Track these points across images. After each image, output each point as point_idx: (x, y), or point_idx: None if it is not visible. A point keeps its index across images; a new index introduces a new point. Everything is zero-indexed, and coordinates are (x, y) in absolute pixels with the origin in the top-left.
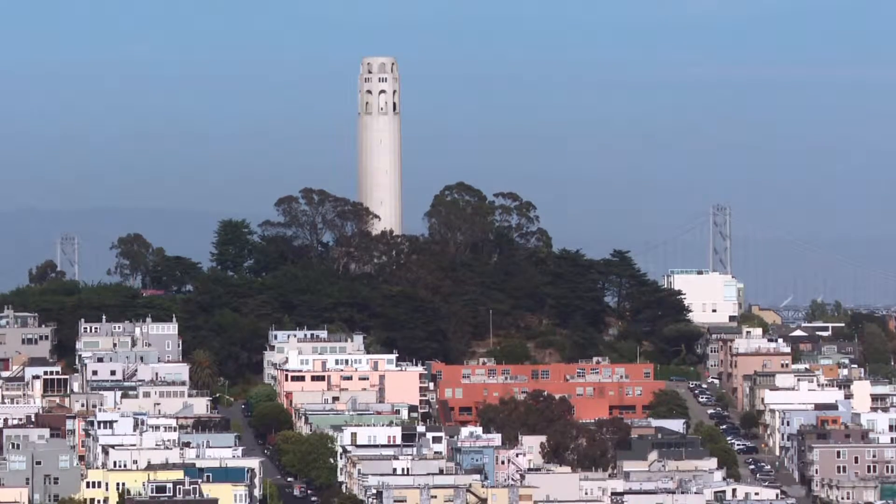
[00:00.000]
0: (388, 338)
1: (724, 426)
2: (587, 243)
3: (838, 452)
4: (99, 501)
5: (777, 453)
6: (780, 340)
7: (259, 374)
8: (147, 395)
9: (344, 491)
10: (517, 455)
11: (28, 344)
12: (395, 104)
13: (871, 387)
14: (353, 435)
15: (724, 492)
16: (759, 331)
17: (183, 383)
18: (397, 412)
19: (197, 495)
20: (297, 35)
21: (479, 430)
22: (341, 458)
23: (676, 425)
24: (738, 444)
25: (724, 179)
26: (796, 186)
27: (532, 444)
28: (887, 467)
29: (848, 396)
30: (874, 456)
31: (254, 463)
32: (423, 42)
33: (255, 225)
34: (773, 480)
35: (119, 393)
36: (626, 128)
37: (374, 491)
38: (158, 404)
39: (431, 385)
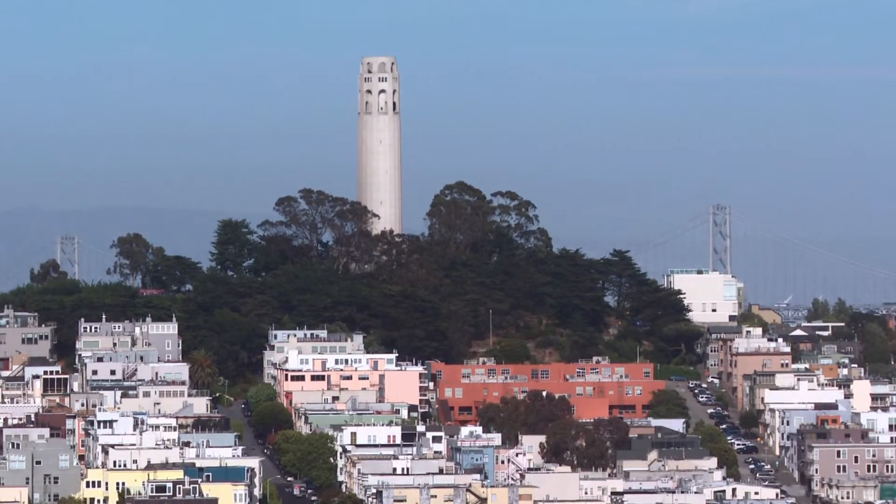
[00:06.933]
0: (388, 337)
1: (724, 426)
2: (587, 243)
3: (838, 452)
4: (99, 501)
5: (777, 453)
6: (780, 340)
7: (259, 374)
8: (147, 394)
9: (344, 490)
10: (517, 455)
11: (28, 343)
12: (395, 104)
13: (871, 386)
14: (353, 435)
15: (723, 491)
16: (758, 330)
17: (183, 383)
18: (397, 412)
19: (197, 495)
20: (298, 35)
21: (478, 429)
22: (341, 457)
23: (676, 425)
24: (738, 444)
25: (724, 179)
26: (796, 186)
27: (532, 444)
28: (887, 467)
29: (848, 396)
30: (874, 455)
31: (254, 462)
32: (423, 42)
33: (254, 225)
34: (772, 480)
35: (119, 392)
36: (626, 127)
37: (374, 490)
38: (158, 404)
39: (431, 385)
